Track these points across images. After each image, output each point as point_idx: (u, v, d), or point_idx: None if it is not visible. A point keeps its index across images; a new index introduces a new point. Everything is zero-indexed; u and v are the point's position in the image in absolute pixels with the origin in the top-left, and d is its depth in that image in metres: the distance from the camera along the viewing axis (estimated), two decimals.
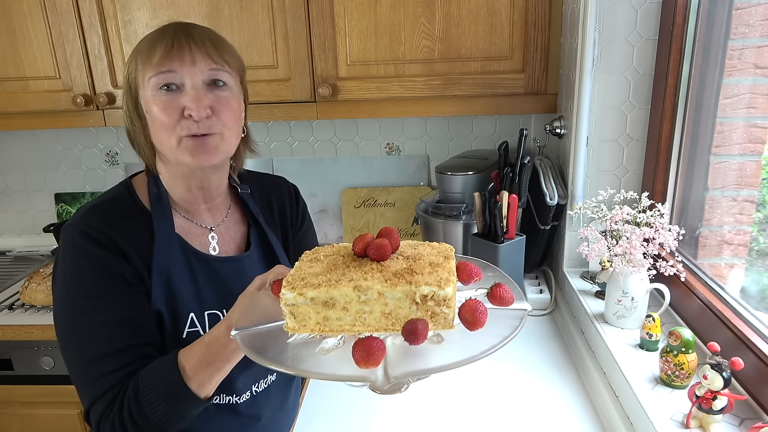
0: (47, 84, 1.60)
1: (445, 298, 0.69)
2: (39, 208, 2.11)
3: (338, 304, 0.70)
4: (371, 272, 0.73)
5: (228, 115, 0.91)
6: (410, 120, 1.90)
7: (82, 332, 0.86)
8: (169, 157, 0.92)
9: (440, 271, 0.72)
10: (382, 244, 0.76)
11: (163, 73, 0.86)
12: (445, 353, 0.67)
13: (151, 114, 0.89)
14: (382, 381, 0.63)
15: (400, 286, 0.69)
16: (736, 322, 0.94)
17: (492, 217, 1.35)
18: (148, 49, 0.87)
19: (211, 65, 0.88)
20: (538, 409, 1.09)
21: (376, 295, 0.69)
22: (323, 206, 2.00)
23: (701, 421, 0.85)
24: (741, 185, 1.10)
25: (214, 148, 0.91)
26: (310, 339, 0.73)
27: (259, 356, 0.69)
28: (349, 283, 0.70)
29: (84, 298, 0.87)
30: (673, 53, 1.19)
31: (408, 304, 0.70)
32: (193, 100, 0.87)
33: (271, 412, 1.09)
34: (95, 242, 0.88)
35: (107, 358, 0.85)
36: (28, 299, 1.59)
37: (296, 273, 0.75)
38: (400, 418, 1.09)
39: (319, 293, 0.70)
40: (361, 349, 0.65)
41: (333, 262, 0.77)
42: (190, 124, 0.87)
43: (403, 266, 0.74)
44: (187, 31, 0.89)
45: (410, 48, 1.49)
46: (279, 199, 1.14)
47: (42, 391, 1.56)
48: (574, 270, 1.45)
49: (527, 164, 1.38)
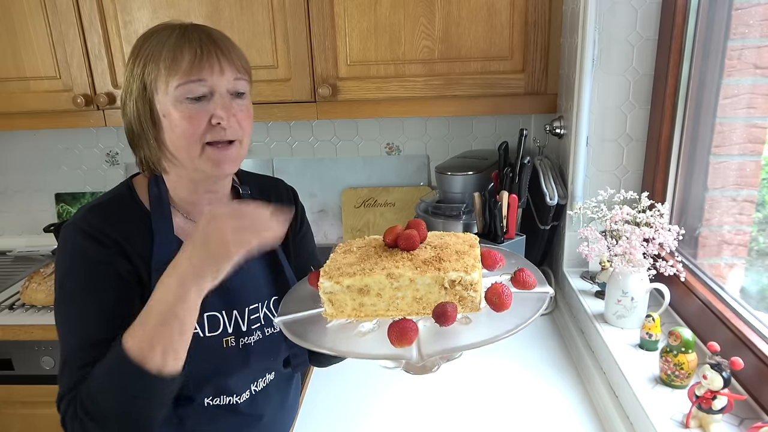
0: (47, 84, 1.60)
1: (471, 283, 0.75)
2: (39, 208, 2.11)
3: (372, 290, 0.77)
4: (402, 261, 0.79)
5: (248, 122, 0.93)
6: (410, 120, 1.90)
7: (69, 324, 0.87)
8: (187, 164, 0.92)
9: (466, 258, 0.79)
10: (411, 235, 0.83)
11: (193, 82, 0.86)
12: (474, 333, 0.73)
13: (171, 120, 0.88)
14: (417, 359, 0.69)
15: (429, 272, 0.76)
16: (736, 322, 0.95)
17: (492, 217, 1.35)
18: (172, 55, 0.86)
19: (236, 75, 0.90)
20: (538, 408, 1.09)
21: (407, 282, 0.76)
22: (323, 206, 2.00)
23: (701, 420, 0.85)
24: (741, 185, 1.10)
25: (234, 159, 0.93)
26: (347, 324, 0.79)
27: (301, 340, 0.75)
28: (382, 271, 0.77)
29: (74, 292, 0.87)
30: (673, 53, 1.19)
31: (437, 289, 0.76)
32: (223, 108, 0.88)
33: (271, 411, 1.09)
34: (93, 239, 0.88)
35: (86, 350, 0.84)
36: (29, 299, 1.59)
37: (332, 264, 0.82)
38: (401, 417, 1.09)
39: (354, 281, 0.77)
40: (395, 330, 0.70)
41: (365, 253, 0.84)
42: (218, 132, 0.89)
43: (432, 254, 0.80)
44: (212, 39, 0.89)
45: (410, 48, 1.49)
46: (278, 201, 1.14)
47: (42, 391, 1.57)
48: (574, 270, 1.45)
49: (527, 164, 1.38)
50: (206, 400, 0.97)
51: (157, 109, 0.89)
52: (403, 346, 0.70)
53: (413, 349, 0.70)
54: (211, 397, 0.98)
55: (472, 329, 0.74)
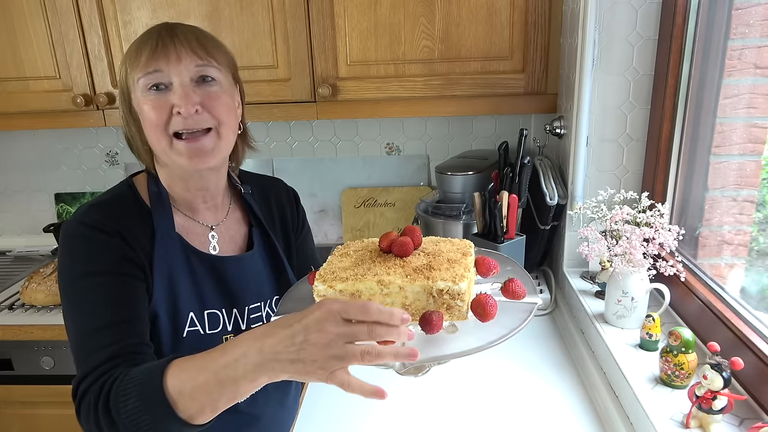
0: (47, 84, 1.60)
1: (459, 293, 0.76)
2: (39, 208, 2.11)
3: (363, 295, 0.79)
4: (394, 267, 0.81)
5: (220, 109, 0.90)
6: (410, 120, 1.90)
7: (81, 307, 0.86)
8: (163, 159, 0.92)
9: (456, 268, 0.80)
10: (404, 242, 0.85)
11: (150, 74, 0.87)
12: (459, 342, 0.75)
13: (142, 114, 0.90)
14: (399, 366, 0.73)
15: (418, 281, 0.77)
16: (736, 322, 0.94)
17: (492, 217, 1.35)
18: (135, 52, 0.88)
19: (197, 62, 0.88)
20: (538, 409, 1.09)
21: (397, 289, 0.78)
22: (323, 206, 2.00)
23: (701, 421, 0.85)
24: (741, 185, 1.10)
25: (211, 150, 0.91)
26: None
27: None
28: (374, 278, 0.79)
29: (83, 277, 0.86)
30: (673, 53, 1.19)
31: (425, 297, 0.78)
32: (180, 97, 0.87)
33: (271, 411, 1.09)
34: (98, 230, 0.88)
35: (103, 330, 0.83)
36: (28, 299, 1.59)
37: (328, 267, 0.84)
38: (400, 417, 1.09)
39: (346, 286, 0.78)
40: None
41: (361, 257, 0.86)
42: (179, 120, 0.88)
43: (423, 262, 0.82)
44: (172, 31, 0.89)
45: (410, 48, 1.49)
46: (278, 201, 1.14)
47: (42, 391, 1.56)
48: (574, 270, 1.45)
49: (527, 164, 1.38)
50: None
51: (134, 108, 0.91)
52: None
53: None
54: None
55: (458, 338, 0.76)
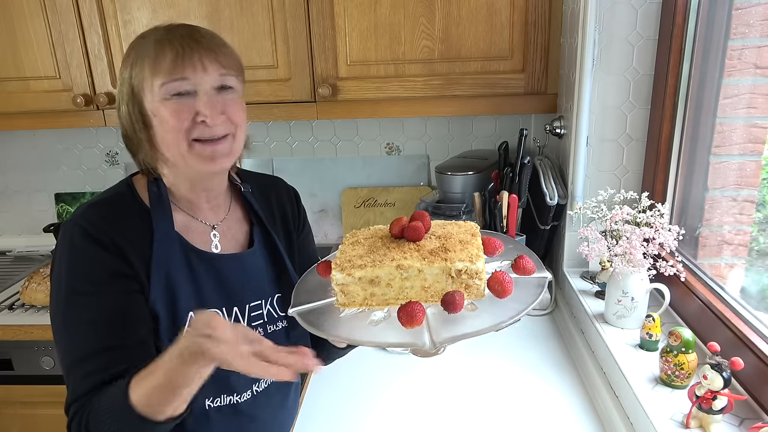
0: (47, 84, 1.59)
1: (476, 272, 0.79)
2: (39, 208, 2.11)
3: (383, 281, 0.81)
4: (410, 252, 0.83)
5: (239, 115, 0.93)
6: (410, 120, 1.90)
7: (71, 329, 0.86)
8: (178, 162, 0.92)
9: (470, 248, 0.83)
10: (417, 227, 0.87)
11: (176, 81, 0.87)
12: (480, 320, 0.76)
13: (160, 117, 0.89)
14: (430, 346, 0.72)
15: (437, 263, 0.80)
16: (736, 322, 0.94)
17: (492, 217, 1.35)
18: (154, 56, 0.87)
19: (220, 71, 0.90)
20: (538, 408, 1.09)
21: (416, 272, 0.80)
22: (323, 206, 2.00)
23: (701, 421, 0.85)
24: (741, 185, 1.10)
25: (227, 154, 0.93)
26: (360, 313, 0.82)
27: (317, 329, 0.79)
28: (392, 263, 0.80)
29: (76, 295, 0.87)
30: (673, 53, 1.19)
31: (444, 278, 0.80)
32: (207, 106, 0.88)
33: (271, 411, 1.09)
34: (93, 240, 0.87)
35: (92, 358, 0.85)
36: (28, 299, 1.59)
37: (342, 256, 0.85)
38: (400, 417, 1.09)
39: (365, 273, 0.80)
40: (404, 313, 0.74)
41: (373, 244, 0.87)
42: (204, 129, 0.89)
43: (437, 245, 0.84)
44: (194, 37, 0.89)
45: (410, 48, 1.49)
46: (279, 200, 1.14)
47: (42, 391, 1.56)
48: (574, 270, 1.45)
49: (527, 164, 1.38)
50: (207, 402, 0.97)
51: (146, 110, 0.90)
52: (413, 327, 0.74)
53: (425, 336, 0.73)
54: (211, 398, 0.97)
55: (477, 316, 0.77)
